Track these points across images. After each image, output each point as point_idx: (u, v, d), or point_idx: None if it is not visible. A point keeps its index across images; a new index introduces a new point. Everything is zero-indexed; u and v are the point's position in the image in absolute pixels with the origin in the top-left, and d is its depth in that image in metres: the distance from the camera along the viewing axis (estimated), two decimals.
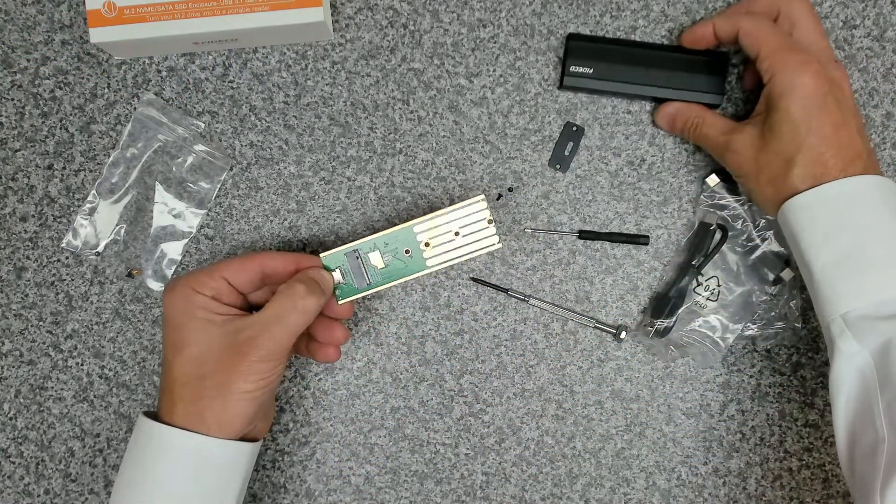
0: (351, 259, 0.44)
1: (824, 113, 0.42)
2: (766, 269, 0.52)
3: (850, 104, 0.44)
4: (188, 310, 0.40)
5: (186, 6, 0.46)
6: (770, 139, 0.43)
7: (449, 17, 0.52)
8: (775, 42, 0.43)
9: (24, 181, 0.51)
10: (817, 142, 0.42)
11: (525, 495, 0.53)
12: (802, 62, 0.42)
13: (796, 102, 0.42)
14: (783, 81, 0.42)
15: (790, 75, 0.42)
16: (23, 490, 0.52)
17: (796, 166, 0.42)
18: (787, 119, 0.42)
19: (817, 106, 0.42)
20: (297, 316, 0.40)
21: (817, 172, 0.42)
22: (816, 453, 0.53)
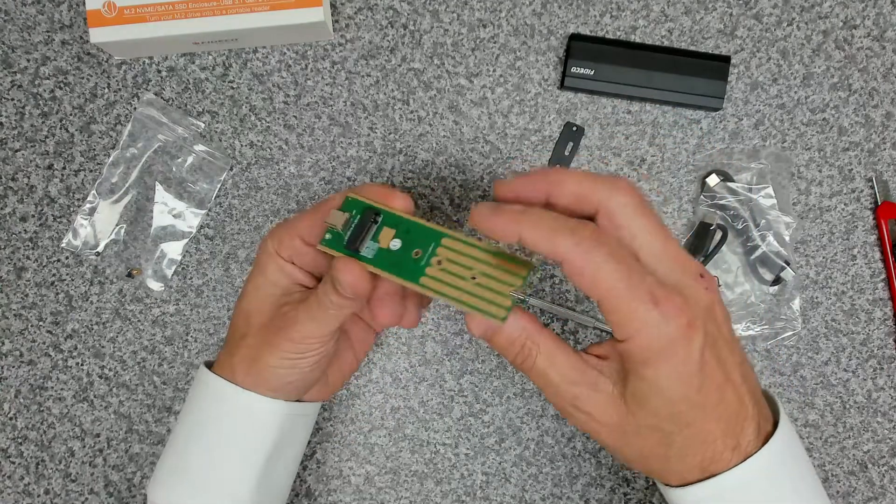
0: (365, 217, 0.36)
1: (705, 378, 0.31)
2: (766, 269, 0.52)
3: (728, 337, 0.33)
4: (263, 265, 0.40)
5: (186, 6, 0.46)
6: (637, 411, 0.32)
7: (449, 17, 0.52)
8: (620, 284, 0.29)
9: (24, 181, 0.51)
10: (702, 419, 0.31)
11: (525, 495, 0.53)
12: (666, 316, 0.29)
13: (667, 375, 0.30)
14: (644, 347, 0.30)
15: (651, 340, 0.30)
16: (23, 490, 0.52)
17: (675, 450, 0.32)
18: (657, 393, 0.31)
19: (696, 373, 0.31)
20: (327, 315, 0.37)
21: (706, 457, 0.32)
22: (816, 453, 0.53)
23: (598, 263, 0.29)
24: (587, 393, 0.33)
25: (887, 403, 0.53)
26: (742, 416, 0.32)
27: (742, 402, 0.32)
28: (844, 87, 0.52)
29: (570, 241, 0.30)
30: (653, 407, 0.31)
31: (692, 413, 0.31)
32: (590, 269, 0.30)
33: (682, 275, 0.32)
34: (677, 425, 0.32)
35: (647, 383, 0.31)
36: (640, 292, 0.30)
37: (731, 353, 0.33)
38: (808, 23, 0.52)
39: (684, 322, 0.30)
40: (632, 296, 0.29)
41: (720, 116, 0.52)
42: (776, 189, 0.52)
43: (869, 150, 0.53)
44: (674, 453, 0.32)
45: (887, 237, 0.52)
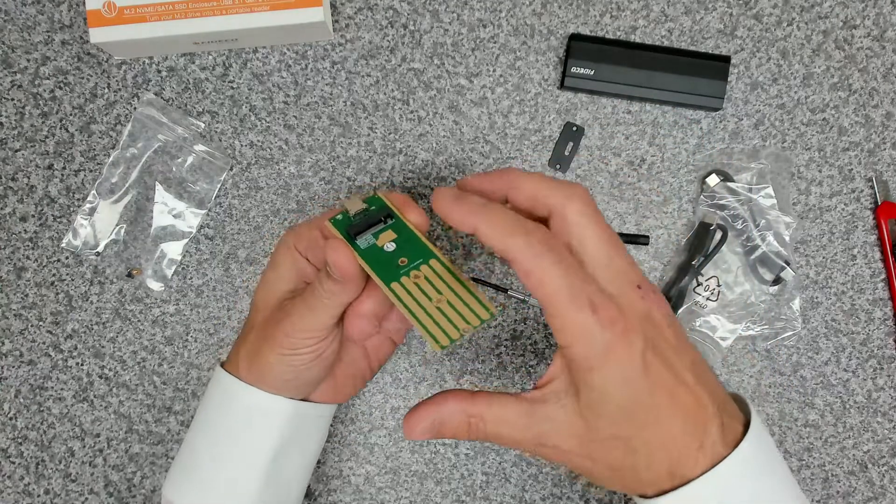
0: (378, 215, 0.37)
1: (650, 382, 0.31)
2: (766, 269, 0.52)
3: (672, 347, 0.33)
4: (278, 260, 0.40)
5: (186, 6, 0.46)
6: (594, 422, 0.32)
7: (449, 17, 0.52)
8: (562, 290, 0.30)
9: (24, 181, 0.51)
10: (655, 421, 0.32)
11: (525, 495, 0.53)
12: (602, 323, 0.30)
13: (611, 380, 0.31)
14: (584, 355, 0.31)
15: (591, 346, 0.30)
16: (23, 490, 0.52)
17: (641, 456, 0.32)
18: (607, 399, 0.31)
19: (639, 376, 0.31)
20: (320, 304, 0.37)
21: (672, 460, 0.32)
22: (816, 453, 0.53)
23: (545, 267, 0.30)
24: (545, 427, 0.33)
25: (887, 403, 0.53)
26: (701, 415, 0.32)
27: (699, 402, 0.32)
28: (844, 87, 0.52)
29: (523, 241, 0.31)
30: (607, 414, 0.32)
31: (645, 415, 0.31)
32: (537, 272, 0.31)
33: (621, 284, 0.32)
34: (634, 429, 0.32)
35: (595, 391, 0.31)
36: (580, 298, 0.30)
37: (678, 355, 0.33)
38: (808, 23, 0.52)
39: (620, 328, 0.31)
40: (572, 302, 0.30)
41: (720, 116, 0.52)
42: (776, 189, 0.52)
43: (869, 150, 0.53)
44: (640, 461, 0.32)
45: (887, 237, 0.52)
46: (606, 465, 0.33)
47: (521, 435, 0.34)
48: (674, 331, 0.33)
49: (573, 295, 0.30)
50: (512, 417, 0.33)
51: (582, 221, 0.33)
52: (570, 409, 0.33)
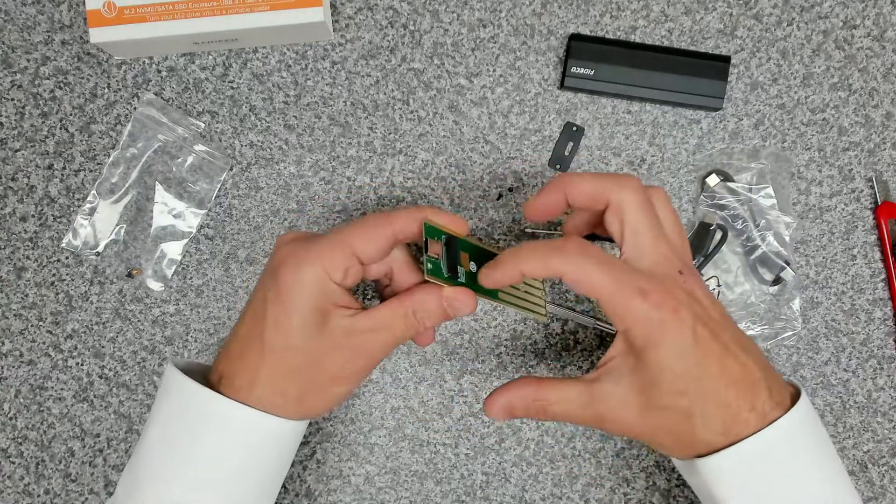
0: (451, 244, 0.39)
1: (702, 351, 0.35)
2: (766, 269, 0.52)
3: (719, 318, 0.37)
4: (308, 295, 0.37)
5: (186, 6, 0.46)
6: (653, 394, 0.36)
7: (449, 17, 0.52)
8: (611, 285, 0.35)
9: (24, 181, 0.51)
10: (711, 387, 0.35)
11: (525, 495, 0.53)
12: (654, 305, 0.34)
13: (667, 354, 0.35)
14: (641, 335, 0.35)
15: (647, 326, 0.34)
16: (23, 490, 0.52)
17: (698, 418, 0.35)
18: (664, 373, 0.35)
19: (691, 348, 0.35)
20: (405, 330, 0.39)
21: (727, 420, 0.35)
22: None
23: (588, 271, 0.35)
24: (604, 406, 0.37)
25: (887, 403, 0.53)
26: (750, 380, 0.36)
27: (747, 369, 0.36)
28: (844, 87, 0.52)
29: (562, 259, 0.35)
30: (664, 387, 0.35)
31: (700, 384, 0.35)
32: (584, 278, 0.35)
33: (665, 269, 0.36)
34: (690, 398, 0.35)
35: (652, 366, 0.35)
36: (628, 288, 0.34)
37: (723, 329, 0.36)
38: (808, 23, 0.52)
39: (671, 307, 0.34)
40: (622, 293, 0.34)
41: (720, 116, 0.52)
42: (776, 189, 0.52)
43: (869, 150, 0.53)
44: (698, 423, 0.35)
45: (887, 237, 0.52)
46: (665, 431, 0.37)
47: (582, 412, 0.37)
48: (716, 308, 0.37)
49: (621, 287, 0.34)
50: (573, 398, 0.37)
51: (631, 210, 0.36)
52: (626, 385, 0.36)
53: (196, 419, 0.38)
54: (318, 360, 0.38)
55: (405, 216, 0.38)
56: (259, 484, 0.39)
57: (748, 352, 0.36)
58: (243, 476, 0.38)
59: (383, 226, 0.38)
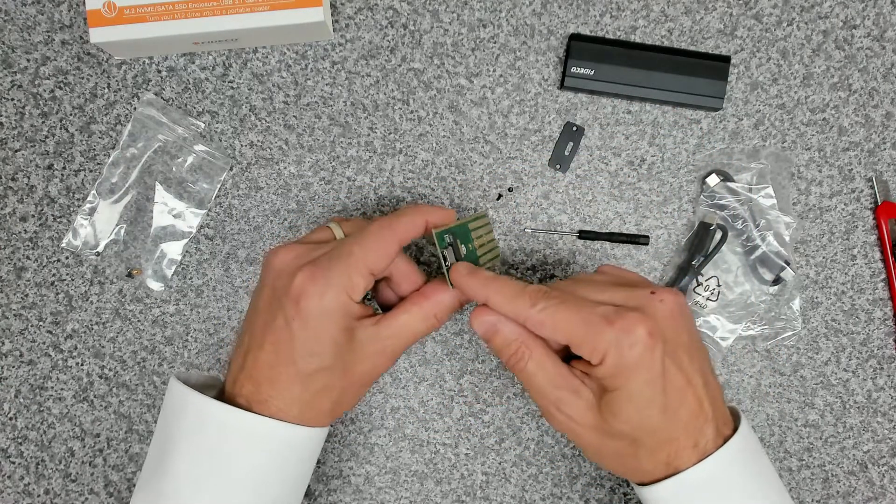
0: (455, 241, 0.41)
1: (667, 383, 0.35)
2: (766, 269, 0.52)
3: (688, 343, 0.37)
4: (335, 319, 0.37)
5: (186, 6, 0.46)
6: (610, 419, 0.36)
7: (449, 17, 0.52)
8: (580, 320, 0.35)
9: (24, 181, 0.51)
10: (666, 422, 0.36)
11: (525, 495, 0.53)
12: (625, 331, 0.34)
13: (636, 382, 0.35)
14: (615, 363, 0.35)
15: (621, 354, 0.34)
16: (23, 490, 0.52)
17: (645, 450, 0.36)
18: (629, 401, 0.35)
19: (659, 378, 0.35)
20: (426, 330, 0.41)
21: (670, 454, 0.36)
22: (816, 453, 0.53)
23: (552, 313, 0.36)
24: (569, 397, 0.37)
25: (887, 403, 0.53)
26: (701, 417, 0.36)
27: (701, 405, 0.36)
28: (844, 87, 0.52)
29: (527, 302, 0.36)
30: (625, 415, 0.35)
31: (658, 417, 0.35)
32: (547, 321, 0.36)
33: (634, 296, 0.37)
34: (646, 429, 0.36)
35: (619, 393, 0.35)
36: (595, 320, 0.35)
37: (691, 359, 0.36)
38: (808, 23, 0.52)
39: (644, 332, 0.34)
40: (588, 326, 0.35)
41: (720, 116, 0.52)
42: (776, 189, 0.52)
43: (869, 150, 0.53)
44: (643, 453, 0.36)
45: (887, 237, 0.52)
46: (611, 451, 0.37)
47: (549, 389, 0.37)
48: (688, 330, 0.37)
49: (586, 321, 0.35)
50: (551, 371, 0.38)
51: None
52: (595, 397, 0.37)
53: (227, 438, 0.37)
54: (348, 371, 0.39)
55: (407, 223, 0.39)
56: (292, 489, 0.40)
57: (707, 385, 0.37)
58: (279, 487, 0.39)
59: (389, 238, 0.39)
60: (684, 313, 0.37)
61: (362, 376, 0.40)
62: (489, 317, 0.39)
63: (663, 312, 0.36)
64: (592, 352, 0.35)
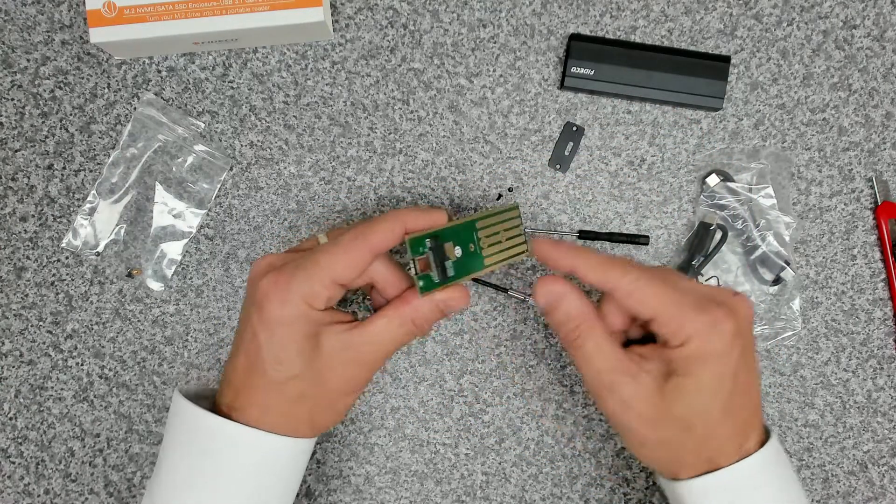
0: (436, 246, 0.39)
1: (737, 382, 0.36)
2: (766, 269, 0.52)
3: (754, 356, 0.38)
4: (297, 328, 0.37)
5: (186, 6, 0.46)
6: (673, 403, 0.36)
7: (449, 17, 0.52)
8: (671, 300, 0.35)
9: (24, 181, 0.51)
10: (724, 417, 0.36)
11: (525, 495, 0.53)
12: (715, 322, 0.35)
13: (712, 372, 0.35)
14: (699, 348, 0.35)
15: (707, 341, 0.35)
16: (23, 490, 0.52)
17: (694, 441, 0.37)
18: (699, 389, 0.36)
19: (731, 375, 0.36)
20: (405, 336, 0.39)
21: (715, 451, 0.37)
22: (816, 453, 0.53)
23: (644, 286, 0.35)
24: (627, 381, 0.37)
25: (887, 403, 0.53)
26: (752, 422, 0.38)
27: (755, 410, 0.38)
28: (844, 87, 0.52)
29: (619, 271, 0.36)
30: (689, 401, 0.36)
31: (719, 410, 0.36)
32: (638, 293, 0.36)
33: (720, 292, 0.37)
34: (704, 419, 0.36)
35: (692, 379, 0.35)
36: (685, 304, 0.35)
37: (756, 364, 0.38)
38: (808, 23, 0.52)
39: (731, 328, 0.35)
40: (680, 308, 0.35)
41: (720, 116, 0.52)
42: (776, 189, 0.52)
43: (869, 150, 0.53)
44: (691, 444, 0.37)
45: (887, 237, 0.52)
46: (659, 440, 0.37)
47: (605, 372, 0.37)
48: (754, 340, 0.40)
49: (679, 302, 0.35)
50: (610, 354, 0.37)
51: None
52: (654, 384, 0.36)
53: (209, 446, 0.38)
54: (322, 380, 0.38)
55: (381, 232, 0.38)
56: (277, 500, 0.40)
57: (758, 390, 0.39)
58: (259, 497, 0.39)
59: (360, 248, 0.38)
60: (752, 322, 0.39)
61: (339, 384, 0.39)
62: (557, 286, 0.38)
63: (746, 314, 0.37)
64: (676, 332, 0.35)
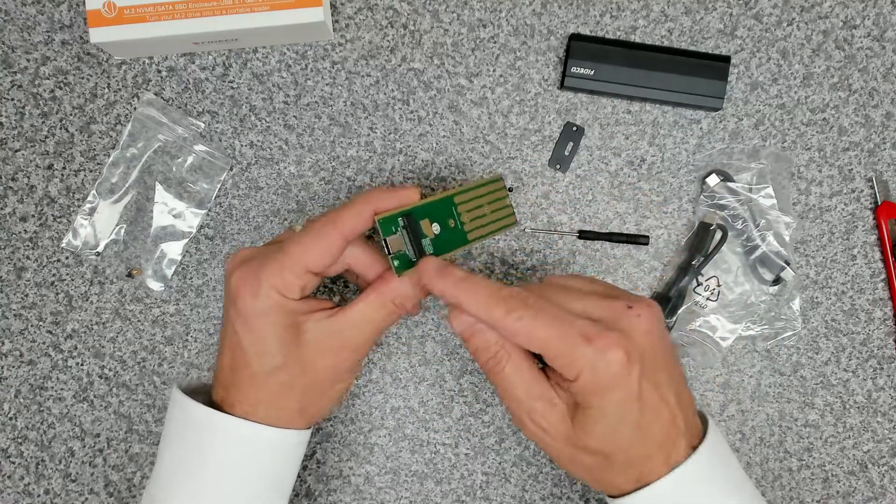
0: (410, 224, 0.38)
1: (642, 403, 0.34)
2: (766, 269, 0.52)
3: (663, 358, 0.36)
4: (273, 319, 0.37)
5: (186, 6, 0.46)
6: (583, 436, 0.35)
7: (449, 17, 0.52)
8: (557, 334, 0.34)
9: (24, 181, 0.51)
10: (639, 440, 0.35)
11: (525, 495, 0.53)
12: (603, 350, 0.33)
13: (611, 401, 0.34)
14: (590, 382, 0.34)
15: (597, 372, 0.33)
16: (23, 490, 0.52)
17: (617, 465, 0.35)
18: (603, 419, 0.34)
19: (635, 398, 0.34)
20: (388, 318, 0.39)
21: (643, 472, 0.35)
22: (816, 453, 0.53)
23: (528, 324, 0.34)
24: (544, 407, 0.36)
25: (887, 403, 0.53)
26: (674, 433, 0.36)
27: (675, 422, 0.36)
28: (844, 87, 0.52)
29: (503, 310, 0.34)
30: (598, 433, 0.35)
31: (632, 435, 0.35)
32: (522, 331, 0.34)
33: (612, 310, 0.35)
34: (619, 448, 0.35)
35: (593, 411, 0.34)
36: (572, 335, 0.33)
37: (668, 376, 0.36)
38: (808, 23, 0.52)
39: (622, 354, 0.33)
40: (565, 341, 0.33)
41: (720, 116, 0.52)
42: (776, 189, 0.52)
43: (869, 150, 0.53)
44: (615, 468, 0.36)
45: (887, 237, 0.52)
46: (582, 467, 0.37)
47: (524, 397, 0.36)
48: (664, 345, 0.36)
49: (564, 335, 0.33)
50: (528, 378, 0.36)
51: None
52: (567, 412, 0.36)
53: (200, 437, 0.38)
54: (308, 369, 0.38)
55: (349, 216, 0.37)
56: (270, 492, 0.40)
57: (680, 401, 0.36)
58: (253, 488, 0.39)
59: (329, 234, 0.37)
60: (660, 328, 0.36)
61: (326, 372, 0.39)
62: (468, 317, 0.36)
63: (641, 330, 0.35)
64: (568, 367, 0.34)
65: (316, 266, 0.37)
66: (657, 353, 0.35)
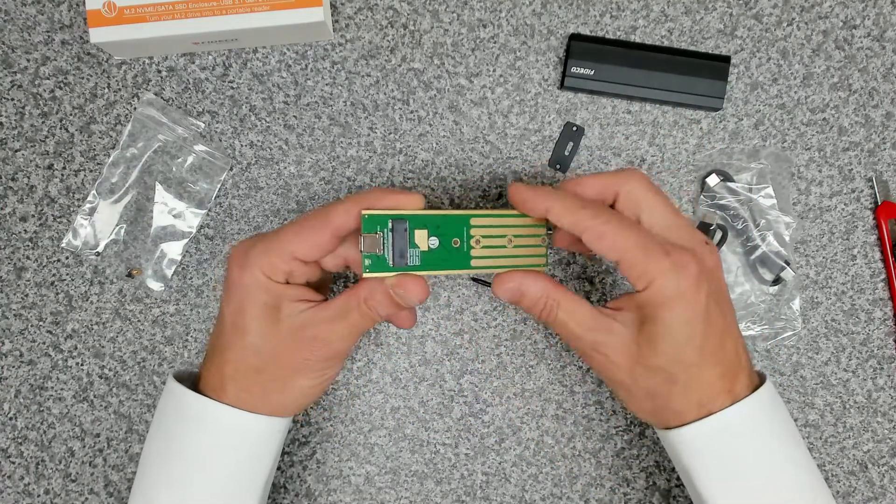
0: (397, 228, 0.37)
1: (709, 324, 0.36)
2: (766, 269, 0.52)
3: (727, 298, 0.38)
4: (254, 295, 0.38)
5: (186, 6, 0.46)
6: (648, 353, 0.36)
7: (449, 17, 0.52)
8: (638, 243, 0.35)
9: (24, 181, 0.51)
10: (703, 361, 0.36)
11: (525, 495, 0.53)
12: (679, 265, 0.35)
13: (679, 316, 0.35)
14: (660, 292, 0.35)
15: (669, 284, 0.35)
16: (23, 490, 0.52)
17: (679, 387, 0.36)
18: (669, 334, 0.35)
19: (702, 317, 0.35)
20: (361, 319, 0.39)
21: (704, 396, 0.36)
22: (816, 453, 0.53)
23: (614, 229, 0.35)
24: (604, 337, 0.37)
25: (887, 403, 0.53)
26: (737, 365, 0.37)
27: (738, 353, 0.37)
28: (844, 87, 0.52)
29: (591, 212, 0.36)
30: (663, 348, 0.36)
31: (695, 354, 0.36)
32: (609, 234, 0.35)
33: (690, 239, 0.37)
34: (682, 365, 0.36)
35: (660, 325, 0.35)
36: (652, 247, 0.35)
37: (730, 309, 0.38)
38: (808, 23, 0.52)
39: (694, 271, 0.35)
40: (646, 251, 0.35)
41: (720, 116, 0.52)
42: (776, 189, 0.52)
43: (869, 150, 0.53)
44: (677, 391, 0.36)
45: (887, 237, 0.52)
46: (645, 390, 0.37)
47: (582, 332, 0.38)
48: (727, 290, 0.39)
49: (645, 245, 0.35)
50: (582, 316, 0.38)
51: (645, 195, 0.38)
52: (631, 332, 0.37)
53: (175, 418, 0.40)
54: (277, 355, 0.39)
55: (342, 212, 0.37)
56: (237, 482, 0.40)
57: (740, 337, 0.38)
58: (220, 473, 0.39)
59: (320, 227, 0.37)
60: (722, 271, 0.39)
61: (293, 363, 0.39)
62: (510, 284, 0.38)
63: (713, 261, 0.37)
64: (641, 275, 0.35)
65: (302, 254, 0.38)
66: (722, 287, 0.38)
